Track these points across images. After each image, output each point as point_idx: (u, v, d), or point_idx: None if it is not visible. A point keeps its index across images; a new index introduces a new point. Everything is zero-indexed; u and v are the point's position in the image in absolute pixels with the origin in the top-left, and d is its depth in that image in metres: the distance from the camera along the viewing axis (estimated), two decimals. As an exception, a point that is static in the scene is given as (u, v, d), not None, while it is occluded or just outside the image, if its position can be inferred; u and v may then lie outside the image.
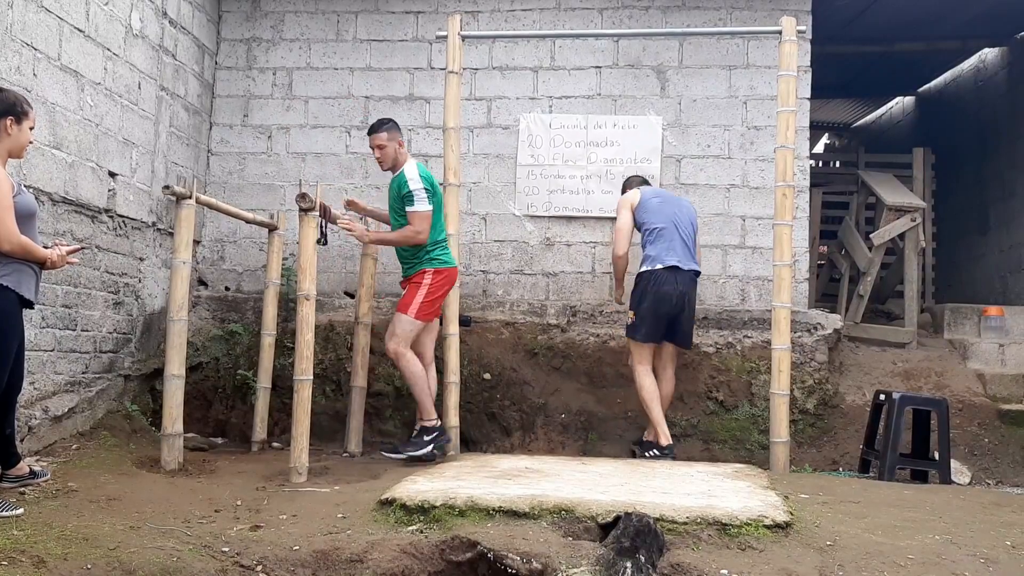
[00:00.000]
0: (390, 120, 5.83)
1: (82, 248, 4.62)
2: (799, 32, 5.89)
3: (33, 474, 4.43)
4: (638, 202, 6.14)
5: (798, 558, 3.73)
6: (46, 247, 4.16)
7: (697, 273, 6.10)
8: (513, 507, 4.06)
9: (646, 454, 5.97)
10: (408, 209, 5.57)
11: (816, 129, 14.99)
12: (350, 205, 6.08)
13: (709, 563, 3.67)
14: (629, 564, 3.41)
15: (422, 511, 4.09)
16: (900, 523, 4.21)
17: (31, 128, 4.07)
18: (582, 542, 3.84)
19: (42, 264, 4.09)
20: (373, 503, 4.27)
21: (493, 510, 4.05)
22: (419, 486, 4.42)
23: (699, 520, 3.94)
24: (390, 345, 5.56)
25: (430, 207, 5.57)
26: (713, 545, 3.83)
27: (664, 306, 5.91)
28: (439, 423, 5.69)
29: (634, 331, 6.00)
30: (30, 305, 4.10)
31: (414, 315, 5.57)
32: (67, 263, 4.26)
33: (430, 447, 5.57)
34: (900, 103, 12.39)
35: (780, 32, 5.89)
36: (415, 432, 5.72)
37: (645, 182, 6.46)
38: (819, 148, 16.67)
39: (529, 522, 3.99)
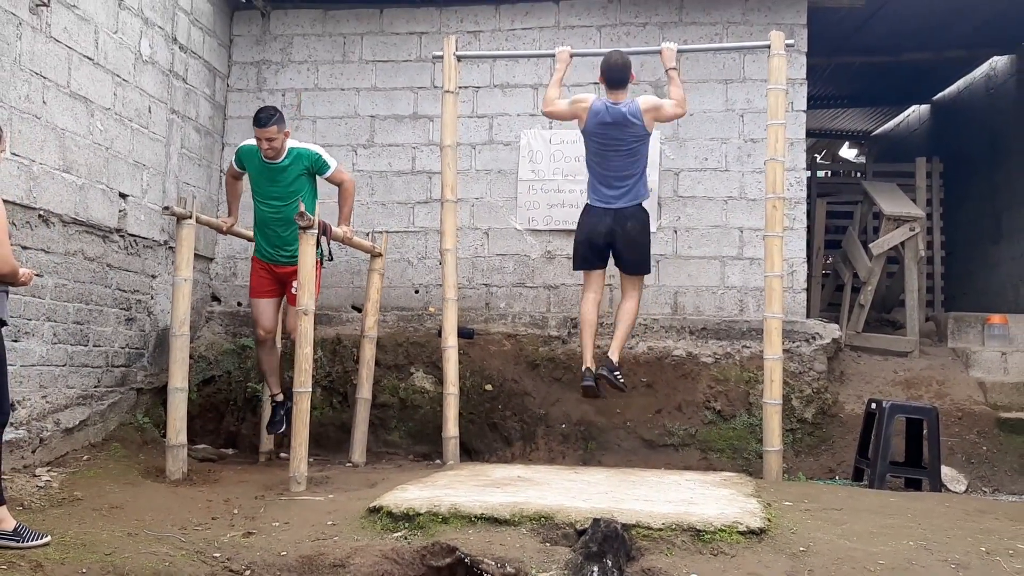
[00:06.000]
0: (277, 110, 5.84)
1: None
2: (787, 46, 5.95)
3: (17, 535, 3.84)
4: (585, 117, 5.85)
5: (768, 563, 3.82)
6: None
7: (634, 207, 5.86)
8: (494, 514, 4.18)
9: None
10: (331, 171, 5.90)
11: (835, 138, 15.04)
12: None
13: (680, 568, 3.77)
14: (596, 568, 3.52)
15: (407, 518, 4.23)
16: (877, 530, 4.27)
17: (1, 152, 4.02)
18: (558, 548, 3.95)
19: (14, 283, 4.02)
20: (362, 511, 4.41)
21: (475, 517, 4.18)
22: (408, 494, 4.56)
23: (674, 526, 4.04)
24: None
25: None
26: (686, 551, 3.93)
27: (594, 235, 5.86)
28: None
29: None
30: (4, 324, 4.05)
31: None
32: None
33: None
34: (916, 111, 12.39)
35: (769, 47, 5.96)
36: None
37: (614, 79, 5.85)
38: (843, 155, 16.69)
39: (509, 529, 4.11)
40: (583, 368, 5.90)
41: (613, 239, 5.83)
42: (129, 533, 4.15)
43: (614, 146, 5.81)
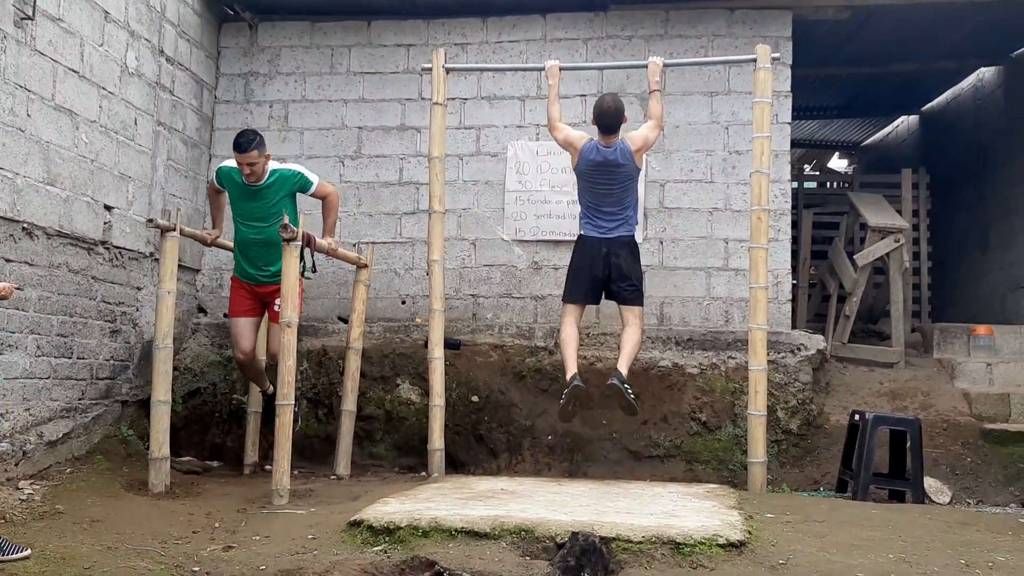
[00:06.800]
0: (257, 134, 5.74)
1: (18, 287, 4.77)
2: (774, 59, 5.99)
3: None
4: (576, 158, 5.88)
5: (748, 576, 3.83)
6: None
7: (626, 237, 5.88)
8: (475, 528, 4.18)
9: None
10: (315, 187, 5.90)
11: (825, 148, 15.10)
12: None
13: (658, 581, 3.78)
14: (573, 582, 3.52)
15: (387, 532, 4.23)
16: (858, 542, 4.27)
17: None
18: (537, 561, 3.95)
19: None
20: (343, 524, 4.41)
21: (456, 531, 4.18)
22: (389, 508, 4.56)
23: (654, 539, 4.04)
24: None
25: None
26: (665, 564, 3.93)
27: (592, 264, 5.85)
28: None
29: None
30: None
31: None
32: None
33: None
34: (905, 122, 12.44)
35: (755, 60, 5.99)
36: None
37: (605, 125, 5.81)
38: (835, 165, 16.77)
39: (489, 542, 4.11)
40: (569, 376, 5.72)
41: (609, 268, 5.84)
42: (109, 547, 4.14)
43: (606, 186, 5.84)
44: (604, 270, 5.84)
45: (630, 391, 5.71)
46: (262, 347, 6.12)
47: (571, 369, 5.82)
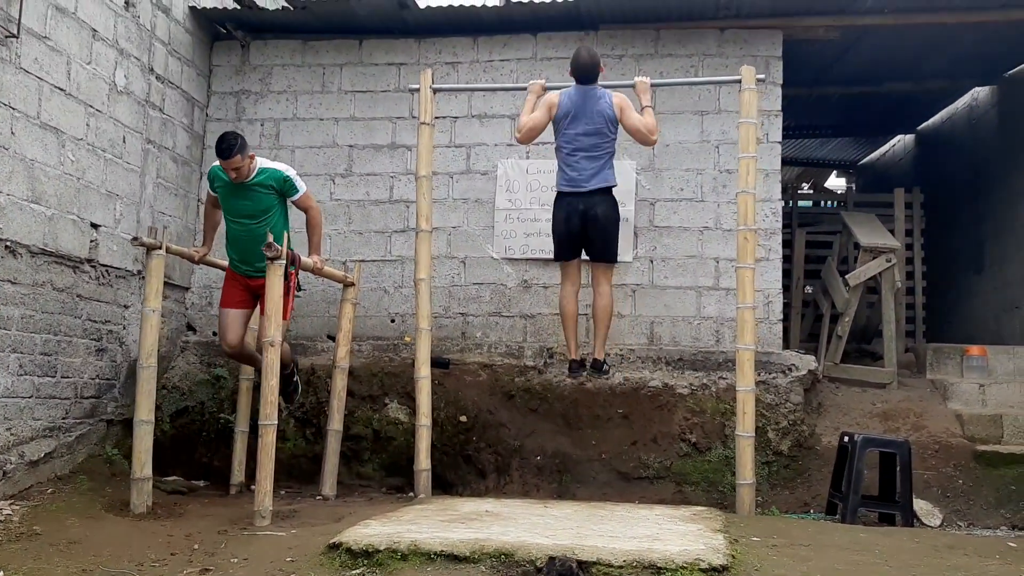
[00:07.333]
0: (238, 137, 5.66)
1: None
2: (759, 80, 5.96)
3: None
4: (556, 107, 5.92)
5: (728, 602, 3.77)
6: None
7: (602, 190, 5.93)
8: (454, 551, 4.12)
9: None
10: (299, 195, 5.88)
11: (822, 167, 15.10)
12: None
13: (638, 607, 3.72)
14: (549, 608, 3.46)
15: (366, 555, 4.16)
16: (844, 566, 4.21)
17: None
18: (516, 586, 3.90)
19: None
20: (323, 547, 4.36)
21: (435, 554, 4.12)
22: (369, 530, 4.50)
23: (635, 563, 3.98)
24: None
25: None
26: (645, 589, 3.88)
27: (569, 220, 5.95)
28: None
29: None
30: None
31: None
32: None
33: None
34: (902, 141, 12.44)
35: (739, 81, 5.97)
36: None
37: (583, 77, 5.93)
38: (831, 183, 16.78)
39: (469, 566, 4.05)
40: (571, 360, 6.15)
41: (585, 223, 5.91)
42: (84, 569, 4.10)
43: (582, 121, 5.85)
44: (579, 225, 5.92)
45: (607, 369, 6.18)
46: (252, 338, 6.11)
47: (571, 352, 6.17)
